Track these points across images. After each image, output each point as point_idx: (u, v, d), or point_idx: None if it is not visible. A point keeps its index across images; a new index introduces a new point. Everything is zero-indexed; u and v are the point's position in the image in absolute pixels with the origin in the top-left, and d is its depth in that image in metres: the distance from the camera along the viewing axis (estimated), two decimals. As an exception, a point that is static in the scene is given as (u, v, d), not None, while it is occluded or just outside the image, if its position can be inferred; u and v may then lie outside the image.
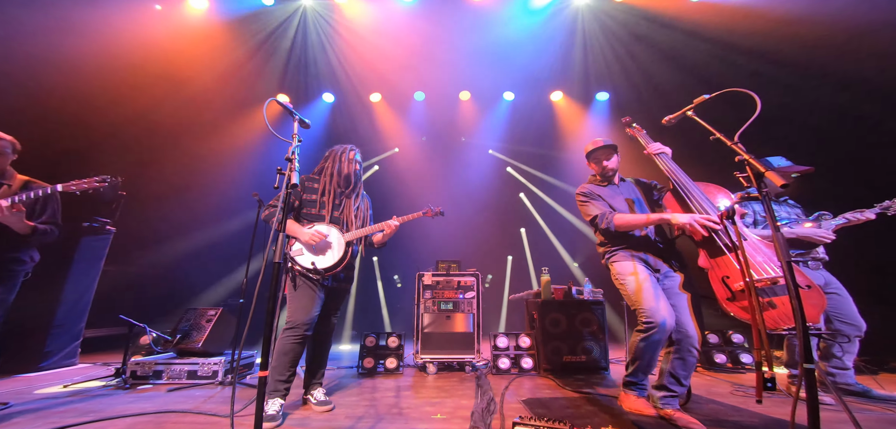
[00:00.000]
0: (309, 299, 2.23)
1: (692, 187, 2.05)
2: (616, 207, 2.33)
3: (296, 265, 2.27)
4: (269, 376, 2.08)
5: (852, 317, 2.55)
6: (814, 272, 2.62)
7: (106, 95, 5.03)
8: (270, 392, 2.10)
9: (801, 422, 1.78)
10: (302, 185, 2.44)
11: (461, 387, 2.98)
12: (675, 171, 2.15)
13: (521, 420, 1.54)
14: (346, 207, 2.51)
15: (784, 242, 1.30)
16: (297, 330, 2.17)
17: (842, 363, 2.57)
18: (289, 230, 2.26)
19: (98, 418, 2.14)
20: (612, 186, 2.46)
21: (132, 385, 2.97)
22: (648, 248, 2.26)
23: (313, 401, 2.36)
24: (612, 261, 2.31)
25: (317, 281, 2.29)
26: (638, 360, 2.10)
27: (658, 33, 5.29)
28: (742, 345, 3.70)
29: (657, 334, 1.97)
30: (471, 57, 5.91)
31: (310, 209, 2.44)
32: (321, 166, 2.59)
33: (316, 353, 2.52)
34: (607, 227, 2.23)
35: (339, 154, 2.57)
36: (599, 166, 2.47)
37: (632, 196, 2.41)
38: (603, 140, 2.49)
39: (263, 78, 5.90)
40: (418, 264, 4.14)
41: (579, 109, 6.82)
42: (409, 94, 6.73)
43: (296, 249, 2.30)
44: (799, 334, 1.17)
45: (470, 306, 3.74)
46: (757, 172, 1.40)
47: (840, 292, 2.60)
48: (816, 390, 1.15)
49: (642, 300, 2.04)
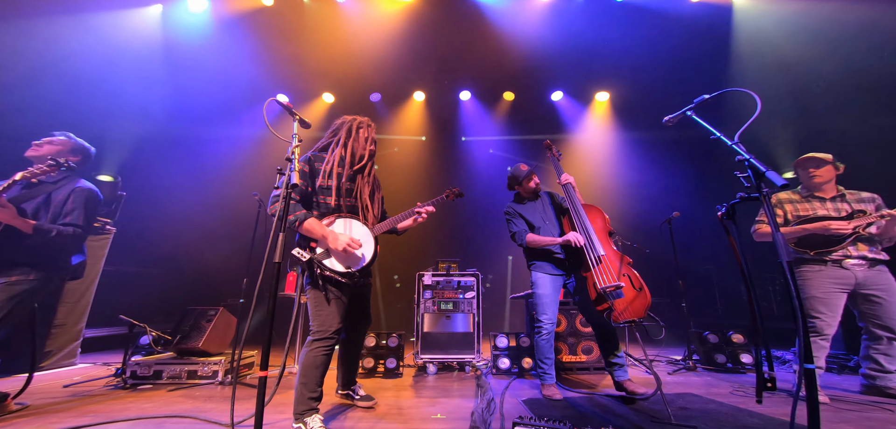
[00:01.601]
0: (337, 305, 2.00)
1: (581, 213, 2.64)
2: (533, 222, 2.87)
3: (326, 271, 1.98)
4: (299, 394, 1.88)
5: (886, 319, 2.48)
6: (848, 272, 2.52)
7: (106, 95, 5.02)
8: (304, 412, 1.86)
9: (801, 422, 1.78)
10: (310, 165, 2.10)
11: (461, 387, 2.98)
12: (574, 199, 2.71)
13: (521, 420, 1.54)
14: (360, 190, 2.20)
15: (784, 242, 1.30)
16: (329, 340, 1.94)
17: (879, 367, 2.52)
18: (314, 232, 1.96)
19: (98, 420, 2.13)
20: (531, 202, 2.98)
21: (132, 385, 2.97)
22: (552, 258, 2.78)
23: (357, 397, 2.39)
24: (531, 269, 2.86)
25: (344, 284, 2.04)
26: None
27: (658, 33, 5.29)
28: (742, 345, 3.69)
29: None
30: (471, 57, 5.90)
31: (323, 197, 2.09)
32: (328, 141, 2.24)
33: (352, 352, 2.47)
34: (520, 243, 2.83)
35: (352, 128, 2.21)
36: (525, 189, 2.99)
37: (547, 209, 2.95)
38: (526, 166, 3.01)
39: (263, 78, 5.89)
40: (418, 264, 4.13)
41: (579, 109, 6.83)
42: (409, 94, 6.73)
43: (321, 253, 2.02)
44: (800, 334, 1.17)
45: (470, 306, 3.74)
46: (758, 173, 1.40)
47: (885, 292, 2.50)
48: (816, 390, 1.14)
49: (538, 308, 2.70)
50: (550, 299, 2.68)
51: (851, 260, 2.54)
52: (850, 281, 2.54)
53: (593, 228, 2.58)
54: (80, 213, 2.32)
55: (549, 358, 2.66)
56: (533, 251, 2.84)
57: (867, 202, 2.64)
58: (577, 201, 2.70)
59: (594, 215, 2.70)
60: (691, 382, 3.10)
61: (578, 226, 2.60)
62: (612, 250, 2.54)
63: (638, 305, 2.36)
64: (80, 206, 2.33)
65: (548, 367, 2.66)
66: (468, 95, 6.79)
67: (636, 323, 2.34)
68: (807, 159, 2.72)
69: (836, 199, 2.69)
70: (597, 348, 3.50)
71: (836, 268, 2.56)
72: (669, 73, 5.72)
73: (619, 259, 2.51)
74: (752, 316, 1.44)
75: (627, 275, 2.44)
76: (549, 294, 2.69)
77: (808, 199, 2.74)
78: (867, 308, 2.56)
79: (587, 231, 2.55)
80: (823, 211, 2.64)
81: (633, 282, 2.42)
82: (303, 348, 1.98)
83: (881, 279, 2.53)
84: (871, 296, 2.53)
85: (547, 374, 2.66)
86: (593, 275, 2.40)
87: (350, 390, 2.44)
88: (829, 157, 2.69)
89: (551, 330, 2.64)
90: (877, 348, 2.54)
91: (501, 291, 7.91)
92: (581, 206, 2.68)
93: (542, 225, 2.84)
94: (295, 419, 1.87)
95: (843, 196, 2.69)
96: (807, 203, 2.72)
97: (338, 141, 2.20)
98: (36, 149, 2.34)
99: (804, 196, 2.77)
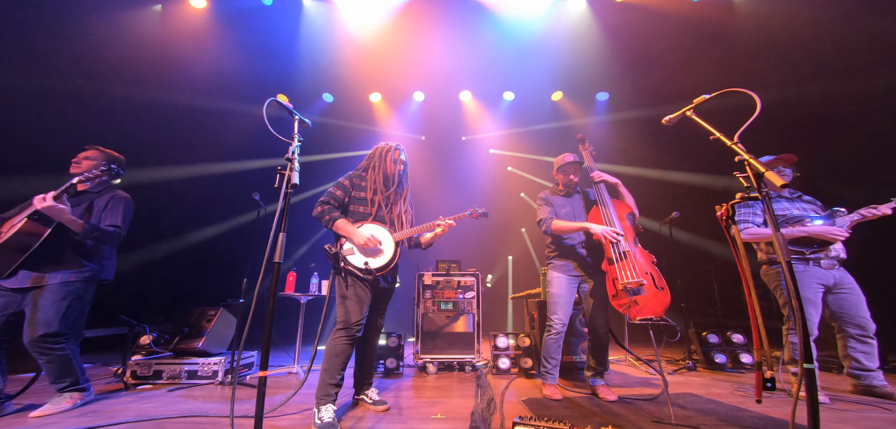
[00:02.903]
0: (361, 300, 2.21)
1: (609, 207, 2.61)
2: (559, 216, 2.78)
3: (348, 265, 2.22)
4: (320, 380, 2.08)
5: (858, 317, 2.53)
6: (826, 272, 2.58)
7: (106, 95, 5.03)
8: (322, 398, 2.04)
9: (802, 422, 1.79)
10: (350, 181, 2.42)
11: (461, 387, 2.98)
12: (603, 193, 2.67)
13: (521, 420, 1.54)
14: (393, 207, 2.48)
15: (784, 242, 1.30)
16: (350, 330, 2.14)
17: (860, 365, 2.54)
18: (342, 230, 2.25)
19: (98, 421, 2.14)
20: (565, 197, 2.88)
21: (132, 385, 2.97)
22: (574, 256, 2.73)
23: (369, 401, 2.39)
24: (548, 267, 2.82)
25: (368, 281, 2.25)
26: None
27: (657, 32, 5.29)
28: (742, 345, 3.69)
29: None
30: (471, 57, 5.91)
31: (357, 206, 2.39)
32: (366, 164, 2.53)
33: (367, 353, 2.51)
34: (546, 231, 2.74)
35: (383, 153, 2.49)
36: (566, 179, 2.86)
37: (577, 206, 2.87)
38: (573, 156, 2.87)
39: (263, 78, 5.89)
40: (418, 264, 4.14)
41: (579, 109, 6.84)
42: (409, 93, 6.74)
43: (347, 248, 2.26)
44: (799, 335, 1.17)
45: (470, 306, 3.74)
46: (757, 172, 1.40)
47: (851, 292, 2.57)
48: (816, 390, 1.14)
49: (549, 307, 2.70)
50: (564, 300, 2.65)
51: (828, 260, 2.59)
52: (829, 281, 2.59)
53: (621, 223, 2.54)
54: (120, 216, 2.58)
55: (555, 359, 2.65)
56: (555, 247, 2.79)
57: (814, 203, 2.75)
58: (606, 195, 2.67)
59: (623, 211, 2.65)
60: (691, 382, 3.10)
61: (606, 219, 2.58)
62: (638, 247, 2.54)
63: (657, 304, 2.33)
64: (120, 210, 2.59)
65: (551, 367, 2.65)
66: (468, 95, 6.80)
67: (653, 322, 2.33)
68: (778, 159, 2.70)
69: (794, 199, 2.77)
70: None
71: (816, 267, 2.60)
72: (669, 72, 5.72)
73: (645, 257, 2.49)
74: (752, 316, 1.44)
75: (650, 273, 2.43)
76: (563, 295, 2.66)
77: (777, 199, 2.79)
78: (838, 307, 2.60)
79: (616, 226, 2.52)
80: (797, 211, 2.69)
81: (655, 281, 2.40)
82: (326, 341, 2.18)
83: (848, 278, 2.61)
84: (841, 294, 2.58)
85: (549, 373, 2.65)
86: (616, 269, 2.38)
87: (363, 394, 2.44)
88: (794, 157, 2.69)
89: (561, 331, 2.63)
90: (854, 347, 2.58)
91: (501, 291, 7.92)
92: (610, 200, 2.66)
93: (572, 221, 2.76)
94: (316, 402, 2.05)
95: (801, 196, 2.79)
96: (776, 203, 2.76)
97: (372, 166, 2.51)
98: (76, 166, 2.57)
99: (773, 196, 2.80)
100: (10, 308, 2.28)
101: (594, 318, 2.64)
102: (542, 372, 2.69)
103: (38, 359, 2.27)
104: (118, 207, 2.59)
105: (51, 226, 2.26)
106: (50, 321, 2.25)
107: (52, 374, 2.31)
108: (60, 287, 2.33)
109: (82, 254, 2.45)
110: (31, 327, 2.24)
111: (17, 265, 2.19)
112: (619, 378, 3.30)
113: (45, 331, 2.24)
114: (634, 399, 2.51)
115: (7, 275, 2.19)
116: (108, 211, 2.55)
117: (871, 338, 2.53)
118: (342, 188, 2.39)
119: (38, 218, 2.23)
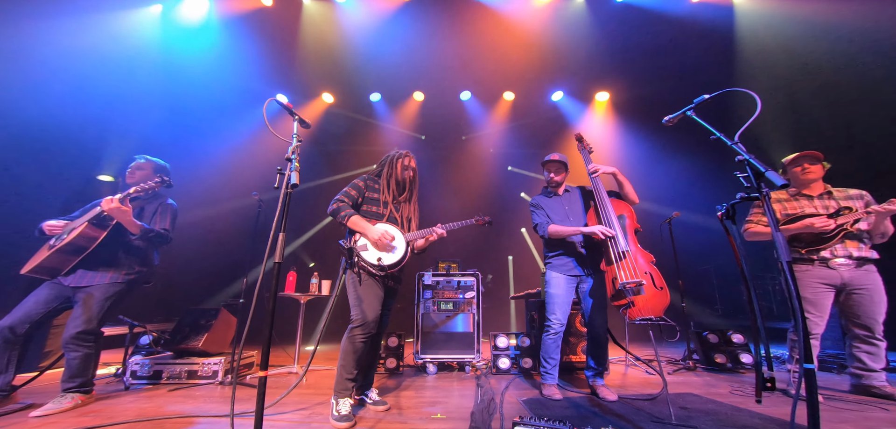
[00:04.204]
0: (375, 297, 2.24)
1: (607, 206, 2.58)
2: (554, 218, 2.79)
3: (361, 260, 2.26)
4: (338, 375, 2.16)
5: (865, 318, 2.50)
6: (834, 272, 2.51)
7: (105, 94, 5.02)
8: (340, 392, 2.12)
9: (801, 422, 1.79)
10: (364, 182, 2.51)
11: (461, 387, 2.98)
12: (600, 191, 2.65)
13: (521, 420, 1.54)
14: (404, 210, 2.58)
15: (784, 242, 1.30)
16: (367, 327, 2.17)
17: (863, 365, 2.53)
18: (357, 226, 2.32)
19: (98, 421, 2.13)
20: (556, 197, 2.89)
21: (132, 385, 2.97)
22: (572, 256, 2.73)
23: (369, 401, 2.40)
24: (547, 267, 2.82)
25: (380, 278, 2.30)
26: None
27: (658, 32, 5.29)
28: (742, 345, 3.69)
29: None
30: (471, 57, 5.90)
31: (370, 206, 2.47)
32: (379, 169, 2.64)
33: (370, 353, 2.49)
34: (542, 235, 2.76)
35: (394, 160, 2.60)
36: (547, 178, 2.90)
37: (574, 204, 2.85)
38: (557, 156, 2.88)
39: (263, 78, 5.89)
40: (418, 264, 4.13)
41: (579, 109, 6.84)
42: (409, 93, 6.73)
43: (361, 245, 2.31)
44: (799, 334, 1.17)
45: (470, 306, 3.74)
46: (757, 172, 1.40)
47: (864, 293, 2.50)
48: (816, 390, 1.14)
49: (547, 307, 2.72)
50: (562, 300, 2.66)
51: (838, 259, 2.53)
52: (837, 280, 2.54)
53: (619, 223, 2.53)
54: (169, 220, 2.83)
55: (554, 359, 2.66)
56: (553, 247, 2.79)
57: (855, 199, 2.62)
58: (604, 194, 2.65)
59: (621, 210, 2.64)
60: (691, 382, 3.10)
61: (604, 219, 2.56)
62: (637, 247, 2.52)
63: (656, 304, 2.33)
64: (169, 216, 2.85)
65: (550, 367, 2.66)
66: (468, 95, 6.79)
67: (652, 322, 2.33)
68: (801, 156, 2.71)
69: (823, 196, 2.69)
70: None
71: (822, 267, 2.56)
72: (670, 72, 5.72)
73: (644, 256, 2.48)
74: (752, 316, 1.44)
75: (650, 273, 2.42)
76: (562, 295, 2.67)
77: (796, 197, 2.74)
78: (848, 307, 2.56)
79: (612, 225, 2.51)
80: (811, 209, 2.64)
81: (654, 280, 2.39)
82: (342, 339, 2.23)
83: (867, 279, 2.52)
84: (853, 295, 2.53)
85: (549, 374, 2.66)
86: (615, 269, 2.38)
87: (364, 395, 2.44)
88: (820, 154, 2.69)
89: (559, 331, 2.64)
90: (859, 347, 2.55)
91: (502, 291, 7.92)
92: (608, 199, 2.64)
93: (566, 220, 2.78)
94: (333, 395, 2.15)
95: (830, 193, 2.69)
96: (795, 202, 2.72)
97: (385, 171, 2.62)
98: (130, 176, 2.77)
99: (792, 195, 2.77)
100: (57, 301, 2.45)
101: (593, 318, 2.65)
102: (542, 372, 2.70)
103: (69, 354, 2.39)
104: (167, 213, 2.84)
105: (106, 230, 2.49)
106: (91, 318, 2.44)
107: (72, 370, 2.39)
108: (109, 287, 2.52)
109: (132, 256, 2.66)
110: (74, 321, 2.40)
111: (74, 264, 2.45)
112: (619, 378, 3.30)
113: (86, 328, 2.41)
114: (634, 399, 2.51)
115: (65, 272, 2.45)
116: (159, 216, 2.79)
117: (878, 340, 2.50)
118: (356, 189, 2.47)
119: (97, 223, 2.47)
